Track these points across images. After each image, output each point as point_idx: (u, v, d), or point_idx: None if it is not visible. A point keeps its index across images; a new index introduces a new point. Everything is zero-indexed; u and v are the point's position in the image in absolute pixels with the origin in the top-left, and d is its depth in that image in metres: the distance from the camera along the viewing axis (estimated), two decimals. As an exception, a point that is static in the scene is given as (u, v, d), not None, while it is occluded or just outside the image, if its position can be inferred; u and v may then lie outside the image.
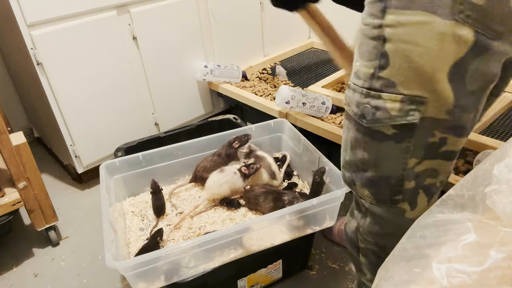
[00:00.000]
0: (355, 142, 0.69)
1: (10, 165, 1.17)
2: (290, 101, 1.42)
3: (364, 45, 0.62)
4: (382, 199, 0.70)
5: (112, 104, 1.57)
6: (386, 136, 0.63)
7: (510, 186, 0.48)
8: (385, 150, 0.65)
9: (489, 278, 0.45)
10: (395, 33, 0.56)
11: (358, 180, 0.72)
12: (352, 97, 0.65)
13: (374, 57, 0.60)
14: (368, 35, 0.60)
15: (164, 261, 0.89)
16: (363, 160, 0.69)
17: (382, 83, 0.60)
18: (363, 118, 0.63)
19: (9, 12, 1.28)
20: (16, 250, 1.38)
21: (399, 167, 0.66)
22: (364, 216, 0.75)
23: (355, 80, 0.65)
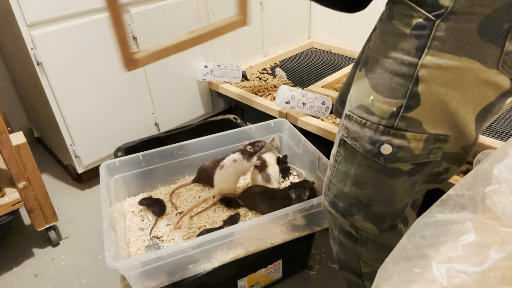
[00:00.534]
0: (362, 177, 0.65)
1: (10, 165, 1.17)
2: (290, 101, 1.42)
3: (383, 79, 0.58)
4: (384, 228, 0.69)
5: (112, 104, 1.57)
6: (403, 173, 0.62)
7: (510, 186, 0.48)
8: (399, 186, 0.63)
9: (489, 278, 0.45)
10: (432, 75, 0.54)
11: (360, 214, 0.68)
12: (361, 132, 0.62)
13: (399, 96, 0.57)
14: (393, 71, 0.57)
15: (164, 261, 0.89)
16: (371, 196, 0.66)
17: (408, 123, 0.57)
18: (380, 156, 0.60)
19: (9, 12, 1.28)
20: (16, 250, 1.38)
21: (408, 198, 0.66)
22: (365, 245, 0.73)
23: (364, 114, 0.61)
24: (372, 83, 0.60)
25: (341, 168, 0.69)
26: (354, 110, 0.63)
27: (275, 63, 1.99)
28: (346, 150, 0.66)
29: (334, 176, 0.71)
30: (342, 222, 0.73)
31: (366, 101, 0.61)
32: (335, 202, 0.72)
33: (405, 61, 0.56)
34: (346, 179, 0.68)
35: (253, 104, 1.61)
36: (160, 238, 1.11)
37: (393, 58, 0.57)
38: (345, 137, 0.65)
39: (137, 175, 1.26)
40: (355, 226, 0.71)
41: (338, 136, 0.69)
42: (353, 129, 0.63)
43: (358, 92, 0.63)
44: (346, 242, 0.76)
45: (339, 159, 0.69)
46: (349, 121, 0.64)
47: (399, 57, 0.56)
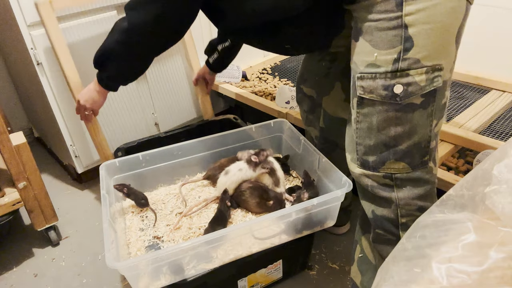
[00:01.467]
0: (384, 122, 0.76)
1: (10, 165, 1.17)
2: (290, 101, 1.42)
3: (380, 37, 0.72)
4: (416, 164, 0.79)
5: (112, 104, 1.57)
6: (416, 106, 0.74)
7: (509, 186, 0.48)
8: (417, 118, 0.75)
9: (489, 278, 0.45)
10: (416, 18, 0.69)
11: (391, 156, 0.78)
12: (373, 84, 0.74)
13: (397, 43, 0.71)
14: (386, 27, 0.71)
15: (164, 261, 0.89)
16: (396, 135, 0.76)
17: (409, 62, 0.71)
18: (396, 97, 0.72)
19: (9, 12, 1.28)
20: (16, 250, 1.38)
21: (427, 130, 0.76)
22: (399, 188, 0.81)
23: (372, 69, 0.74)
24: (372, 44, 0.74)
25: (364, 126, 0.79)
26: (364, 70, 0.75)
27: (275, 63, 1.99)
28: (365, 106, 0.78)
29: (358, 136, 0.81)
30: (376, 178, 0.82)
31: (371, 59, 0.74)
32: (365, 161, 0.82)
33: (392, 17, 0.70)
34: (370, 132, 0.79)
35: (253, 104, 1.61)
36: (160, 238, 1.11)
37: (382, 19, 0.71)
38: (362, 95, 0.77)
39: (137, 175, 1.26)
40: (389, 174, 0.80)
41: (353, 101, 0.80)
42: (367, 84, 0.75)
43: (361, 56, 0.76)
44: (382, 195, 0.83)
45: (359, 118, 0.80)
46: (362, 80, 0.76)
47: (386, 16, 0.71)
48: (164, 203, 1.25)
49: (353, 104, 0.81)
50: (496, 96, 1.46)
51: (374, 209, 0.86)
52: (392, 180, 0.80)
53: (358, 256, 0.96)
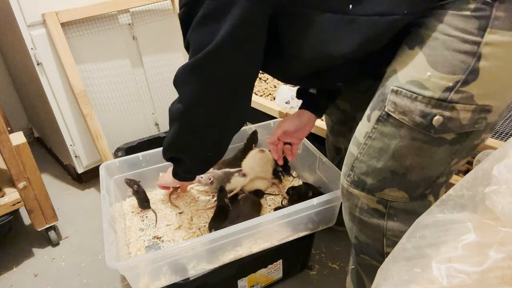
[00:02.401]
0: (404, 150, 0.67)
1: (10, 165, 1.17)
2: (290, 101, 1.42)
3: (442, 56, 0.61)
4: (416, 196, 0.72)
5: (112, 104, 1.57)
6: (445, 141, 0.65)
7: (509, 187, 0.48)
8: (439, 154, 0.67)
9: (489, 278, 0.45)
10: (493, 52, 0.59)
11: (394, 185, 0.70)
12: (410, 106, 0.64)
13: (459, 72, 0.60)
14: (455, 48, 0.60)
15: (164, 261, 0.89)
16: (409, 166, 0.68)
17: (462, 96, 0.61)
18: (431, 129, 0.64)
19: (9, 12, 1.28)
20: (16, 250, 1.38)
21: (443, 167, 0.69)
22: (391, 217, 0.74)
23: (416, 89, 0.63)
24: (429, 60, 0.63)
25: (376, 145, 0.70)
26: (404, 85, 0.65)
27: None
28: (388, 125, 0.68)
29: (363, 154, 0.72)
30: (367, 201, 0.74)
31: (421, 76, 0.63)
32: (362, 180, 0.73)
33: (467, 40, 0.59)
34: (382, 155, 0.70)
35: (253, 104, 1.61)
36: (160, 238, 1.11)
37: (454, 36, 0.60)
38: (391, 112, 0.67)
39: (137, 176, 1.26)
40: (384, 200, 0.72)
41: (374, 113, 0.70)
42: (403, 103, 0.65)
43: (410, 68, 0.65)
44: (370, 221, 0.75)
45: (374, 135, 0.70)
46: (397, 96, 0.66)
47: (461, 36, 0.60)
48: (164, 203, 1.25)
49: (370, 116, 0.71)
50: (496, 96, 1.45)
51: (358, 235, 0.81)
52: (385, 208, 0.73)
53: (351, 267, 0.92)
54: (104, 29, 1.46)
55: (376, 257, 0.79)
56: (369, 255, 0.81)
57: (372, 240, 0.78)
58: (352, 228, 0.81)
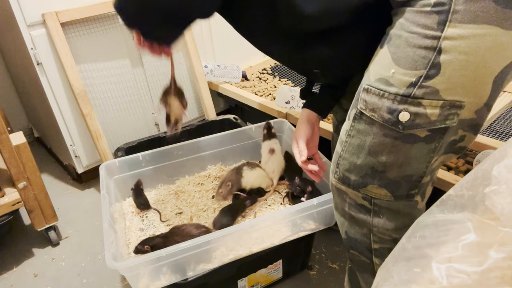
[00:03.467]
0: (378, 146, 0.68)
1: (10, 165, 1.17)
2: (290, 101, 1.42)
3: (405, 53, 0.62)
4: (399, 195, 0.72)
5: (112, 104, 1.57)
6: (418, 138, 0.65)
7: (509, 187, 0.48)
8: (415, 152, 0.67)
9: (489, 278, 0.45)
10: (455, 45, 0.59)
11: (375, 182, 0.71)
12: (378, 103, 0.66)
13: (421, 67, 0.61)
14: (416, 44, 0.61)
15: (164, 262, 0.89)
16: (386, 163, 0.69)
17: (426, 91, 0.61)
18: (398, 124, 0.64)
19: (9, 12, 1.28)
20: (16, 250, 1.38)
21: (423, 165, 0.69)
22: (377, 214, 0.75)
23: (383, 86, 0.65)
24: (394, 57, 0.64)
25: (354, 142, 0.72)
26: (373, 83, 0.67)
27: (275, 63, 1.99)
28: (362, 122, 0.70)
29: (345, 151, 0.74)
30: (354, 196, 0.76)
31: (386, 74, 0.65)
32: (346, 177, 0.75)
33: (428, 35, 0.60)
34: (360, 151, 0.71)
35: (253, 104, 1.61)
36: (160, 238, 1.11)
37: (415, 33, 0.61)
38: (363, 110, 0.69)
39: (137, 176, 1.26)
40: (368, 197, 0.73)
41: (352, 112, 0.72)
42: (372, 100, 0.67)
43: (378, 67, 0.67)
44: (357, 216, 0.77)
45: (352, 133, 0.72)
46: (367, 94, 0.67)
47: (422, 31, 0.60)
48: (164, 203, 1.25)
49: (349, 115, 0.73)
50: (496, 96, 1.45)
51: (347, 230, 0.82)
52: (370, 204, 0.74)
53: (348, 266, 0.94)
54: (104, 29, 1.46)
55: (364, 252, 0.81)
56: (358, 250, 0.82)
57: (360, 236, 0.79)
58: (343, 224, 0.83)
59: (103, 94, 1.53)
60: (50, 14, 1.31)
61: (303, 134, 0.99)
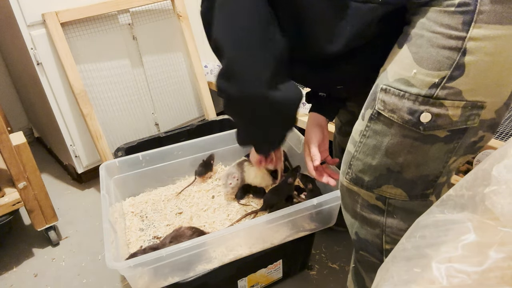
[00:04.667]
0: (396, 147, 0.68)
1: (10, 165, 1.17)
2: (290, 101, 1.42)
3: (428, 53, 0.62)
4: (414, 195, 0.71)
5: (112, 104, 1.58)
6: (438, 139, 0.65)
7: (509, 187, 0.48)
8: (433, 152, 0.66)
9: (489, 278, 0.45)
10: (480, 46, 0.58)
11: (391, 182, 0.71)
12: (398, 103, 0.65)
13: (445, 67, 0.60)
14: (440, 45, 0.60)
15: (164, 262, 0.89)
16: (403, 163, 0.68)
17: (449, 92, 0.61)
18: (419, 125, 0.64)
19: (9, 12, 1.28)
20: (16, 250, 1.38)
21: (440, 165, 0.68)
22: (391, 215, 0.74)
23: (403, 86, 0.64)
24: (415, 58, 0.63)
25: (370, 142, 0.71)
26: (392, 83, 0.66)
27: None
28: (379, 123, 0.69)
29: (359, 151, 0.73)
30: (366, 197, 0.75)
31: (407, 74, 0.64)
32: (359, 178, 0.74)
33: (452, 35, 0.59)
34: (376, 152, 0.71)
35: (253, 104, 1.61)
36: (159, 238, 1.11)
37: (439, 33, 0.60)
38: (381, 110, 0.68)
39: (137, 175, 1.26)
40: (383, 197, 0.73)
41: (367, 112, 0.71)
42: (391, 101, 0.66)
43: (397, 67, 0.66)
44: (370, 217, 0.76)
45: (368, 133, 0.71)
46: (385, 94, 0.67)
47: (446, 32, 0.60)
48: (164, 203, 1.25)
49: (364, 115, 0.73)
50: (496, 96, 1.45)
51: (358, 231, 0.81)
52: (384, 204, 0.74)
53: (352, 266, 0.93)
54: (104, 29, 1.46)
55: (375, 253, 0.80)
56: (368, 252, 0.81)
57: (371, 237, 0.78)
58: (353, 225, 0.82)
59: (103, 94, 1.53)
60: (50, 14, 1.31)
61: (315, 138, 0.98)
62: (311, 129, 0.99)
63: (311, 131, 0.99)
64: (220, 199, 1.24)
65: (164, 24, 1.63)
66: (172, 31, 1.66)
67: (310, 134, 0.99)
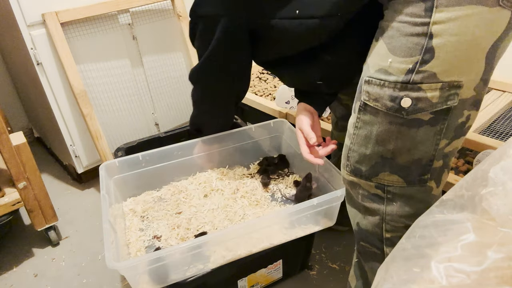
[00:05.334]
0: (385, 134, 0.71)
1: (10, 165, 1.17)
2: (290, 101, 1.42)
3: (399, 42, 0.66)
4: (412, 180, 0.74)
5: (112, 104, 1.58)
6: (423, 122, 0.68)
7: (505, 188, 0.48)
8: (421, 135, 0.69)
9: (488, 278, 0.46)
10: (444, 29, 0.62)
11: (386, 169, 0.74)
12: (380, 92, 0.69)
13: (416, 53, 0.64)
14: (408, 32, 0.65)
15: (164, 262, 0.89)
16: (395, 149, 0.71)
17: (423, 75, 0.64)
18: (402, 111, 0.67)
19: (9, 12, 1.28)
20: (16, 250, 1.38)
21: (431, 148, 0.71)
22: (390, 202, 0.77)
23: (382, 76, 0.68)
24: (389, 47, 0.68)
25: (362, 133, 0.75)
26: (373, 74, 0.70)
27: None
28: (367, 113, 0.73)
29: (354, 143, 0.77)
30: (366, 187, 0.78)
31: (384, 64, 0.68)
32: (357, 168, 0.78)
33: (417, 22, 0.63)
34: (368, 141, 0.74)
35: (253, 104, 1.61)
36: (159, 238, 1.11)
37: (406, 22, 0.65)
38: (366, 101, 0.72)
39: (137, 175, 1.26)
40: (381, 185, 0.76)
41: (356, 104, 0.75)
42: (374, 91, 0.70)
43: (376, 58, 0.71)
44: (371, 206, 0.79)
45: (359, 124, 0.75)
46: (369, 85, 0.71)
47: (412, 20, 0.64)
48: (164, 203, 1.25)
49: (355, 108, 0.76)
50: (496, 96, 1.46)
51: (359, 221, 0.83)
52: (384, 192, 0.76)
53: (355, 261, 0.94)
54: (104, 29, 1.46)
55: (375, 243, 0.82)
56: (368, 242, 0.83)
57: (372, 226, 0.81)
58: (355, 215, 0.84)
59: (103, 94, 1.53)
60: (50, 14, 1.31)
61: (305, 121, 1.00)
62: (301, 114, 1.02)
63: (300, 116, 1.02)
64: (219, 199, 1.24)
65: (164, 24, 1.63)
66: (172, 31, 1.66)
67: (301, 118, 1.01)
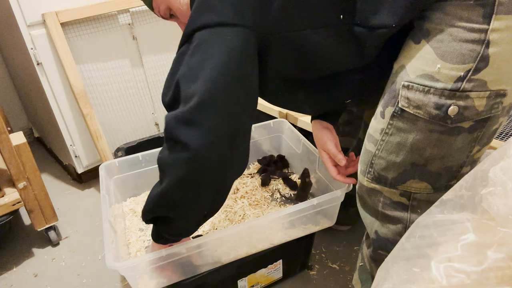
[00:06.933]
0: (422, 142, 0.68)
1: (10, 165, 1.17)
2: (290, 101, 1.42)
3: (450, 47, 0.62)
4: (439, 186, 0.72)
5: (112, 104, 1.58)
6: (463, 129, 0.66)
7: (504, 188, 0.48)
8: (458, 142, 0.67)
9: (488, 278, 0.46)
10: (502, 37, 0.59)
11: (415, 177, 0.71)
12: (424, 99, 0.65)
13: (469, 60, 0.61)
14: (462, 38, 0.61)
15: (164, 262, 0.89)
16: (429, 157, 0.69)
17: (474, 84, 0.62)
18: (447, 119, 0.64)
19: (9, 12, 1.28)
20: (16, 250, 1.38)
21: (464, 155, 0.69)
22: (415, 210, 0.74)
23: (427, 82, 0.64)
24: (438, 52, 0.64)
25: (393, 140, 0.71)
26: (415, 79, 0.66)
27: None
28: (404, 120, 0.69)
29: (381, 149, 0.73)
30: (389, 194, 0.75)
31: (430, 69, 0.64)
32: (382, 176, 0.74)
33: (474, 28, 0.60)
34: (401, 149, 0.71)
35: (253, 104, 1.61)
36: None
37: (460, 27, 0.61)
38: (405, 107, 0.68)
39: (137, 176, 1.26)
40: (407, 193, 0.73)
41: (387, 110, 0.71)
42: (415, 97, 0.66)
43: (419, 62, 0.66)
44: (393, 214, 0.76)
45: (390, 131, 0.71)
46: (409, 91, 0.67)
47: (467, 25, 0.61)
48: (164, 203, 1.25)
49: (384, 113, 0.72)
50: (495, 96, 1.45)
51: (378, 230, 0.80)
52: (409, 200, 0.74)
53: (359, 265, 0.92)
54: (104, 29, 1.46)
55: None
56: (387, 250, 0.79)
57: (393, 235, 0.78)
58: (373, 224, 0.81)
59: (103, 94, 1.53)
60: (50, 14, 1.31)
61: (329, 140, 0.94)
62: (320, 133, 0.97)
63: (321, 134, 0.96)
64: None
65: (164, 24, 1.63)
66: (172, 31, 1.66)
67: (322, 137, 0.96)
